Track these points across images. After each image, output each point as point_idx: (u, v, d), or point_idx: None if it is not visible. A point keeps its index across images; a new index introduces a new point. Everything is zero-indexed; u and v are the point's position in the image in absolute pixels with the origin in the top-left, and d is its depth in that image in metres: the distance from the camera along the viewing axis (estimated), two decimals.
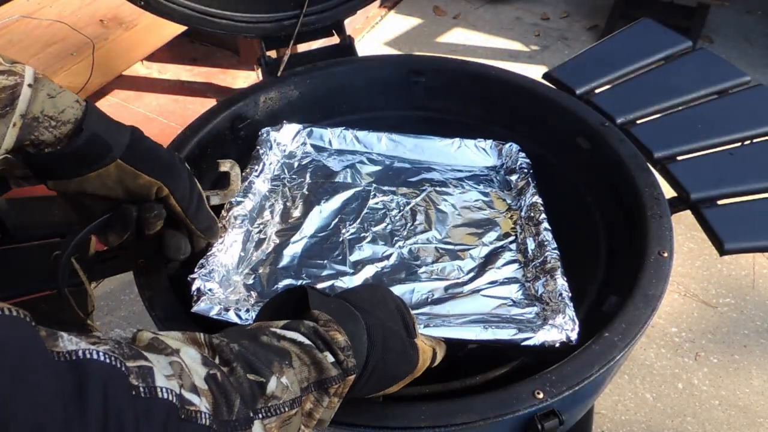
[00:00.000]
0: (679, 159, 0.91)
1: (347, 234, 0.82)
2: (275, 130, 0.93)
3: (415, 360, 0.56)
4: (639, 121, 0.96)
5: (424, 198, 0.89)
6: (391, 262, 0.79)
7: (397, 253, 0.80)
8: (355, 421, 0.57)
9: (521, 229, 0.83)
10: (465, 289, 0.75)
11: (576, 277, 0.73)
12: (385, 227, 0.84)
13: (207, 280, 0.69)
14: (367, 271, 0.77)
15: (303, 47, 1.20)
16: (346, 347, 0.49)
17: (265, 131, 0.93)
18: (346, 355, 0.49)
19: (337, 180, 0.91)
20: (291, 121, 0.96)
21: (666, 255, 0.72)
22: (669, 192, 0.84)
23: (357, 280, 0.76)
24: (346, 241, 0.81)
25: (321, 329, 0.49)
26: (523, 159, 0.92)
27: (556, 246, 0.77)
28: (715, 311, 1.53)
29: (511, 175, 0.92)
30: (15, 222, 0.88)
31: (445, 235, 0.83)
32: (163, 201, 0.62)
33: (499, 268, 0.78)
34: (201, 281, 0.68)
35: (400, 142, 0.96)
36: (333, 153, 0.96)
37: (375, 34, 2.48)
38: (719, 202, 0.86)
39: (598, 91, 1.01)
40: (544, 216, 0.81)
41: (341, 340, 0.49)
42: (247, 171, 0.86)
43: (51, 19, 1.64)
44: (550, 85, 1.00)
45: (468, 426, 0.57)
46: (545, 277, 0.73)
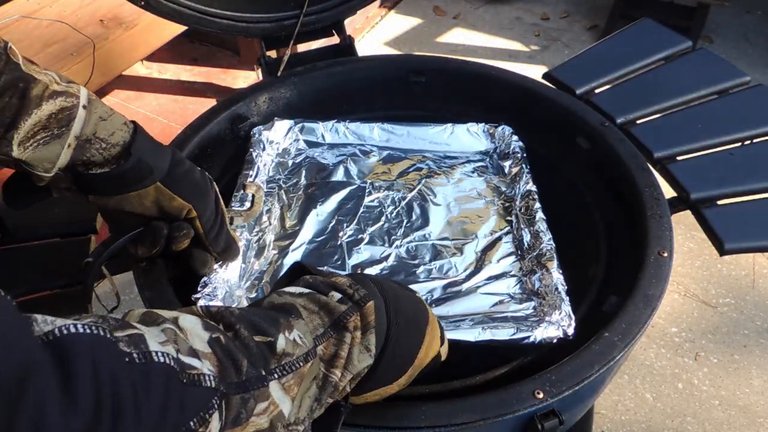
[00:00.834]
0: (679, 159, 0.91)
1: (345, 237, 0.82)
2: (267, 129, 0.93)
3: (424, 322, 0.54)
4: (639, 121, 0.96)
5: (419, 191, 0.89)
6: (390, 263, 0.79)
7: (395, 254, 0.80)
8: (355, 421, 0.56)
9: (516, 219, 0.83)
10: (463, 288, 0.75)
11: (576, 277, 0.73)
12: (382, 226, 0.84)
13: (211, 299, 0.69)
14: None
15: (303, 47, 1.20)
16: (351, 284, 0.49)
17: (257, 131, 0.92)
18: (354, 288, 0.49)
19: (332, 179, 0.91)
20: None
21: (666, 255, 0.72)
22: (669, 192, 0.84)
23: None
24: (344, 245, 0.81)
25: (320, 277, 0.50)
26: (515, 142, 0.93)
27: (550, 237, 0.77)
28: (715, 311, 1.53)
29: (505, 161, 0.92)
30: (15, 222, 0.88)
31: (441, 229, 0.83)
32: (190, 221, 0.65)
33: (496, 262, 0.79)
34: (204, 301, 0.68)
35: (393, 131, 0.97)
36: (326, 148, 0.96)
37: (375, 34, 2.48)
38: (719, 202, 0.86)
39: (598, 91, 1.01)
40: (538, 205, 0.82)
41: (343, 280, 0.50)
42: (241, 177, 0.85)
43: (51, 19, 1.64)
44: (550, 85, 1.00)
45: (468, 426, 0.57)
46: (541, 271, 0.74)
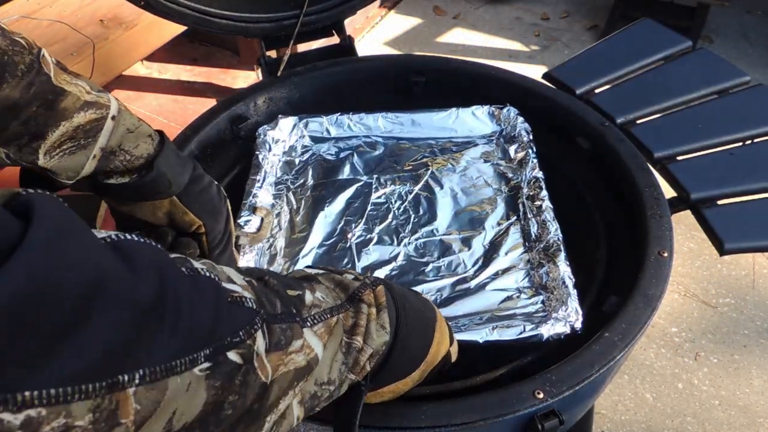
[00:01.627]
0: (679, 159, 0.91)
1: (353, 238, 0.82)
2: (271, 128, 0.93)
3: (433, 319, 0.54)
4: (639, 121, 0.96)
5: (426, 182, 0.89)
6: (399, 262, 0.79)
7: (403, 252, 0.80)
8: None
9: (523, 207, 0.83)
10: (472, 285, 0.75)
11: (576, 277, 0.73)
12: (390, 223, 0.84)
13: None
14: (378, 274, 0.77)
15: (303, 47, 1.20)
16: (360, 274, 0.50)
17: (261, 131, 0.92)
18: (364, 275, 0.50)
19: (338, 177, 0.91)
20: None
21: (666, 255, 0.72)
22: (669, 192, 0.84)
23: None
24: (353, 246, 0.81)
25: (330, 268, 0.51)
26: (521, 124, 0.92)
27: (557, 227, 0.77)
28: (715, 311, 1.53)
29: (511, 144, 0.92)
30: None
31: (448, 223, 0.83)
32: (197, 236, 0.65)
33: (504, 254, 0.78)
34: None
35: (397, 119, 0.96)
36: (332, 142, 0.96)
37: (375, 34, 2.48)
38: (719, 202, 0.86)
39: (598, 91, 1.01)
40: (545, 193, 0.81)
41: (352, 272, 0.51)
42: (249, 183, 0.85)
43: (51, 19, 1.64)
44: (550, 85, 1.00)
45: (468, 426, 0.57)
46: (548, 264, 0.74)
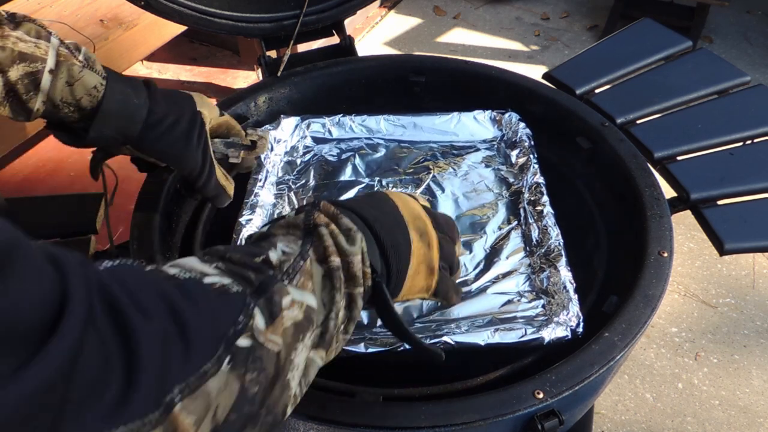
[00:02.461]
0: (679, 159, 0.91)
1: None
2: (273, 128, 0.93)
3: (394, 207, 0.53)
4: (639, 121, 0.96)
5: (427, 186, 0.89)
6: None
7: None
8: (355, 421, 0.56)
9: (524, 212, 0.83)
10: (473, 288, 0.75)
11: (576, 277, 0.73)
12: None
13: None
14: None
15: (303, 47, 1.20)
16: (300, 207, 0.50)
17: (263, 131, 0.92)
18: (300, 205, 0.51)
19: (340, 178, 0.90)
20: None
21: (666, 255, 0.72)
22: (669, 192, 0.84)
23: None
24: None
25: (275, 218, 0.52)
26: (523, 130, 0.92)
27: (558, 232, 0.77)
28: (715, 311, 1.53)
29: (512, 149, 0.92)
30: (16, 222, 0.88)
31: None
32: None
33: (505, 258, 0.78)
34: None
35: (399, 122, 0.97)
36: (334, 143, 0.96)
37: (375, 34, 2.48)
38: (719, 202, 0.86)
39: (598, 91, 1.01)
40: (546, 198, 0.81)
41: (293, 210, 0.51)
42: (251, 182, 0.85)
43: (51, 19, 1.63)
44: (550, 85, 1.00)
45: (468, 426, 0.57)
46: (549, 269, 0.73)
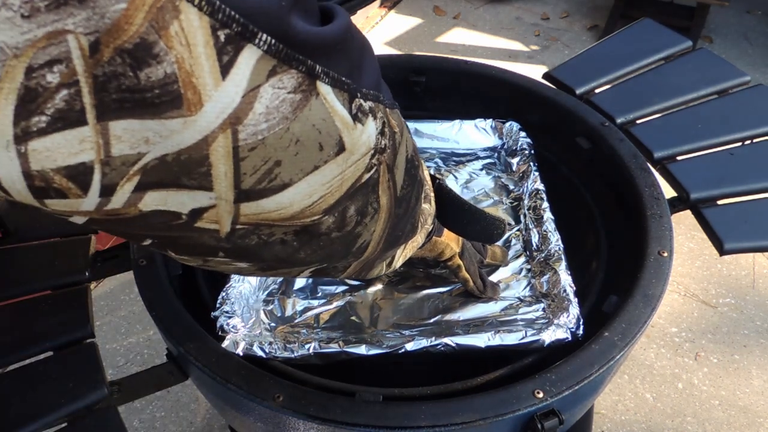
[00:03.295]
0: (679, 159, 0.91)
1: None
2: None
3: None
4: (639, 121, 0.96)
5: None
6: (400, 269, 0.79)
7: None
8: (355, 421, 0.56)
9: (524, 219, 0.84)
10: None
11: (576, 277, 0.73)
12: None
13: (229, 316, 0.68)
14: (379, 282, 0.78)
15: None
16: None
17: None
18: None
19: None
20: None
21: (666, 255, 0.72)
22: (669, 192, 0.84)
23: (370, 293, 0.76)
24: None
25: None
26: (523, 139, 0.93)
27: (559, 237, 0.77)
28: (715, 311, 1.53)
29: (513, 158, 0.93)
30: (16, 222, 0.88)
31: None
32: None
33: (505, 265, 0.79)
34: (224, 319, 0.68)
35: None
36: None
37: (375, 34, 2.48)
38: (719, 202, 0.86)
39: (598, 91, 1.01)
40: (546, 205, 0.82)
41: None
42: None
43: None
44: (550, 85, 1.00)
45: (468, 426, 0.57)
46: (549, 273, 0.74)
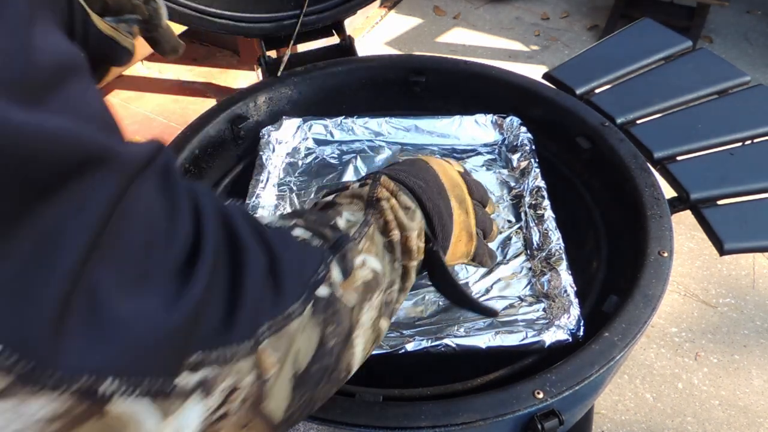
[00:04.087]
0: (679, 159, 0.91)
1: None
2: (275, 129, 0.93)
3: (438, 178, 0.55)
4: (639, 121, 0.96)
5: None
6: None
7: None
8: (355, 421, 0.56)
9: (525, 216, 0.83)
10: (474, 291, 0.75)
11: (576, 277, 0.73)
12: None
13: None
14: None
15: (303, 47, 1.20)
16: (361, 179, 0.52)
17: (266, 132, 0.92)
18: (365, 178, 0.51)
19: (341, 181, 0.91)
20: None
21: (666, 255, 0.72)
22: (669, 192, 0.84)
23: None
24: None
25: (336, 189, 0.52)
26: (524, 134, 0.93)
27: (559, 236, 0.77)
28: (715, 311, 1.53)
29: (514, 154, 0.92)
30: None
31: None
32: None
33: (505, 262, 0.78)
34: None
35: (401, 125, 0.97)
36: (335, 145, 0.96)
37: (375, 34, 2.48)
38: (719, 202, 0.85)
39: (598, 91, 1.01)
40: (547, 202, 0.81)
41: (355, 181, 0.52)
42: (252, 183, 0.85)
43: None
44: (550, 85, 1.00)
45: (468, 426, 0.57)
46: (550, 272, 0.73)
